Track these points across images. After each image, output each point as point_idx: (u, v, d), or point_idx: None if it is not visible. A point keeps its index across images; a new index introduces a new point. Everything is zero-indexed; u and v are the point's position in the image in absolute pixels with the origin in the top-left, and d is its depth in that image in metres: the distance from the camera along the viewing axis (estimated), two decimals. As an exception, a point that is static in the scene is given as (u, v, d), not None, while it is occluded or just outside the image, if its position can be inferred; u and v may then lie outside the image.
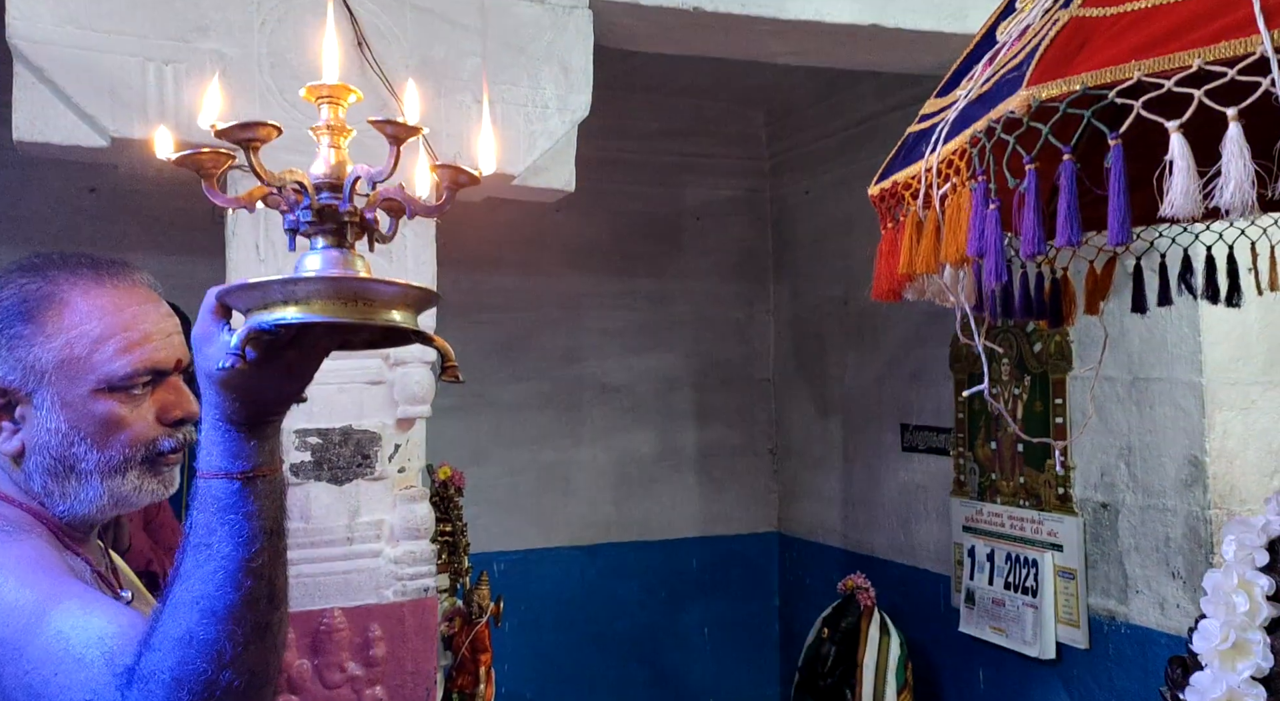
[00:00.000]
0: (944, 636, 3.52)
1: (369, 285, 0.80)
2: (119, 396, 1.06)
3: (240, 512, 0.87)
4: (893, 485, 3.92)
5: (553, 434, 4.41)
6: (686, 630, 4.52)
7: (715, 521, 4.65)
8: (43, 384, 1.04)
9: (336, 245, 0.83)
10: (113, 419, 1.05)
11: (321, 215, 0.83)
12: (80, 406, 1.05)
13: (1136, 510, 2.73)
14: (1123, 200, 0.92)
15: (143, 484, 1.08)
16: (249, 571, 0.87)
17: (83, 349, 1.05)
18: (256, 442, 0.88)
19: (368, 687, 2.05)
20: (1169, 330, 2.62)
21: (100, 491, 1.07)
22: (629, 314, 4.57)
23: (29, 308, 1.06)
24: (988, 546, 3.30)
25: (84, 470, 1.06)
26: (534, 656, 4.14)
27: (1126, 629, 2.77)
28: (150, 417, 1.08)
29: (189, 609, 0.86)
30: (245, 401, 0.86)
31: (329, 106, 0.85)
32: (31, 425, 1.05)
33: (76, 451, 1.05)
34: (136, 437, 1.07)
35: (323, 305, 0.78)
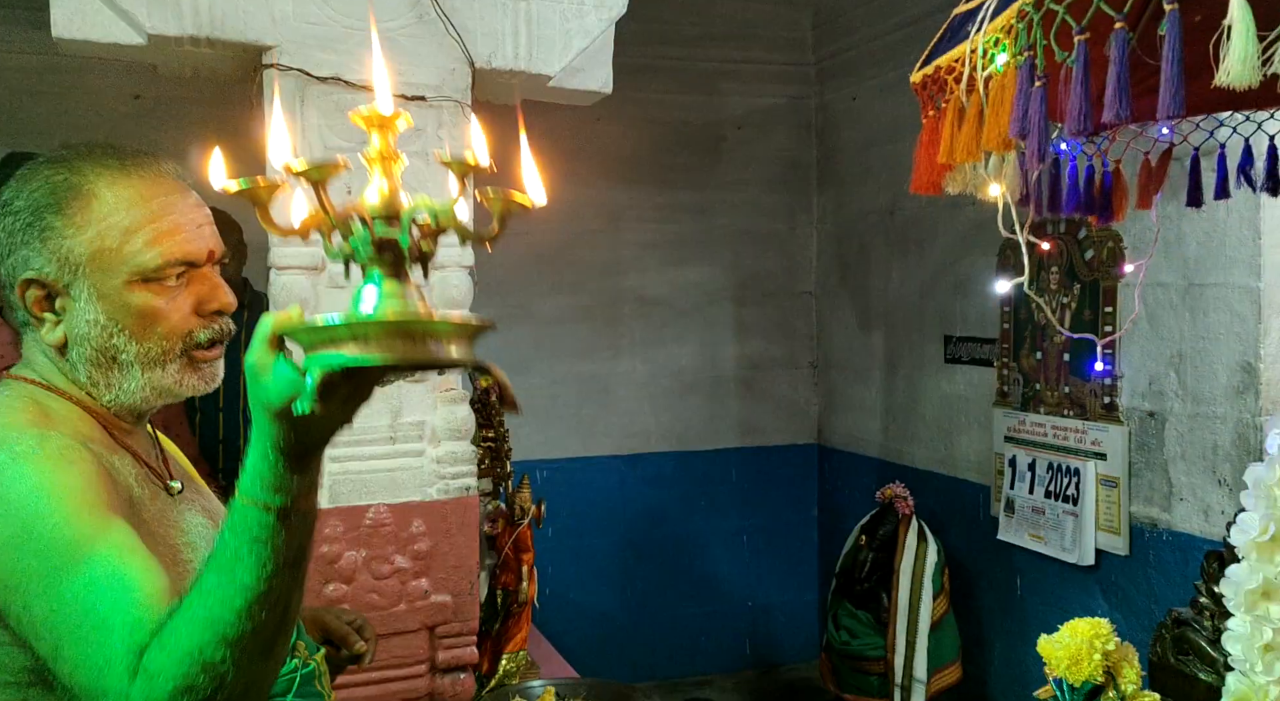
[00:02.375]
0: (981, 544, 3.54)
1: (434, 325, 0.80)
2: (153, 288, 1.06)
3: (269, 545, 0.88)
4: (934, 396, 3.89)
5: (593, 346, 4.43)
6: (725, 538, 4.59)
7: (755, 433, 4.68)
8: (78, 276, 1.05)
9: (394, 276, 0.83)
10: (149, 311, 1.06)
11: (381, 248, 0.83)
12: (116, 298, 1.06)
13: (1185, 418, 2.69)
14: (1177, 69, 0.87)
15: (183, 377, 1.10)
16: (267, 603, 0.89)
17: (113, 240, 1.05)
18: (299, 475, 0.89)
19: (413, 579, 2.12)
20: (1228, 234, 2.53)
21: (142, 382, 1.08)
22: (669, 226, 4.53)
23: (58, 200, 1.06)
24: (1029, 456, 3.28)
25: (125, 361, 1.07)
26: (575, 560, 4.24)
27: (1168, 536, 2.75)
28: (187, 310, 1.09)
29: (203, 627, 0.87)
30: (299, 432, 0.86)
31: (379, 135, 0.85)
32: (71, 317, 1.07)
33: (116, 343, 1.06)
34: (174, 330, 1.08)
35: (389, 345, 0.78)
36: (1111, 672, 1.20)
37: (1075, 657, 1.21)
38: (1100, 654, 1.20)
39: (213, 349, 1.12)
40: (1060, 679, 1.24)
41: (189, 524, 1.12)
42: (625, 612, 4.36)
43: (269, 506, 0.87)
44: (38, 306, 1.07)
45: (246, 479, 0.89)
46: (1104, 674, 1.20)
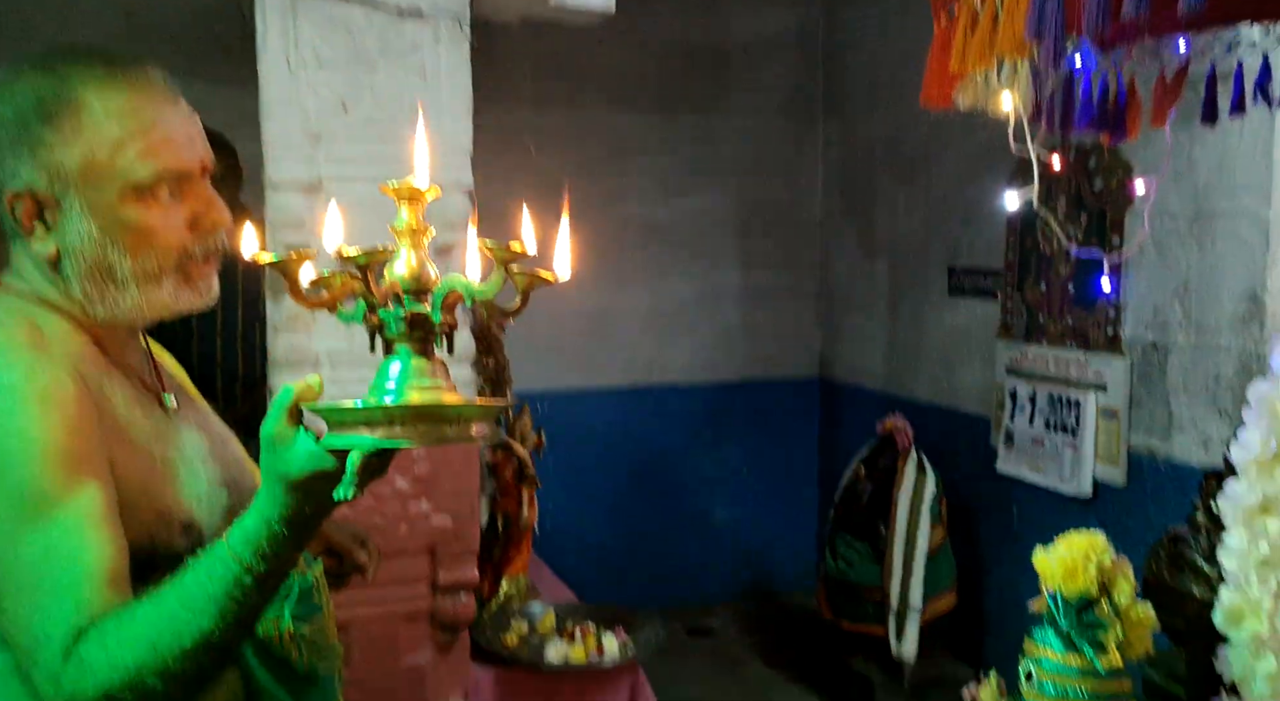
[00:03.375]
0: (980, 476, 3.56)
1: (461, 410, 0.83)
2: (146, 202, 1.04)
3: (239, 603, 0.89)
4: (937, 329, 3.88)
5: (595, 276, 4.40)
6: (726, 470, 4.63)
7: (757, 365, 4.68)
8: (69, 189, 1.03)
9: (422, 353, 0.85)
10: (142, 226, 1.04)
11: (412, 324, 0.84)
12: (108, 212, 1.03)
13: (1188, 349, 2.67)
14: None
15: (179, 293, 1.08)
16: (215, 650, 0.90)
17: (104, 153, 1.03)
18: (294, 546, 0.90)
19: (414, 501, 2.13)
20: (1239, 160, 2.49)
21: (138, 298, 1.06)
22: (673, 154, 4.46)
23: (46, 110, 1.03)
24: (1030, 388, 3.28)
25: (120, 277, 1.05)
26: (577, 491, 4.27)
27: (1167, 466, 2.76)
28: (181, 225, 1.06)
29: (147, 650, 0.88)
30: (311, 505, 0.87)
31: (409, 208, 0.85)
32: (64, 230, 1.04)
33: (111, 258, 1.04)
34: (169, 245, 1.06)
35: (419, 430, 0.80)
36: (1106, 585, 1.20)
37: (1070, 570, 1.21)
38: (1095, 567, 1.21)
39: (207, 264, 1.09)
40: (1054, 592, 1.25)
41: (184, 441, 1.10)
42: (625, 543, 4.41)
43: (253, 569, 0.89)
44: (27, 218, 1.04)
45: (239, 535, 0.90)
46: (1098, 586, 1.20)
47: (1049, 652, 1.24)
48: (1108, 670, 1.19)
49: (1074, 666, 1.21)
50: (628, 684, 2.61)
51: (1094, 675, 1.20)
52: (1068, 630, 1.22)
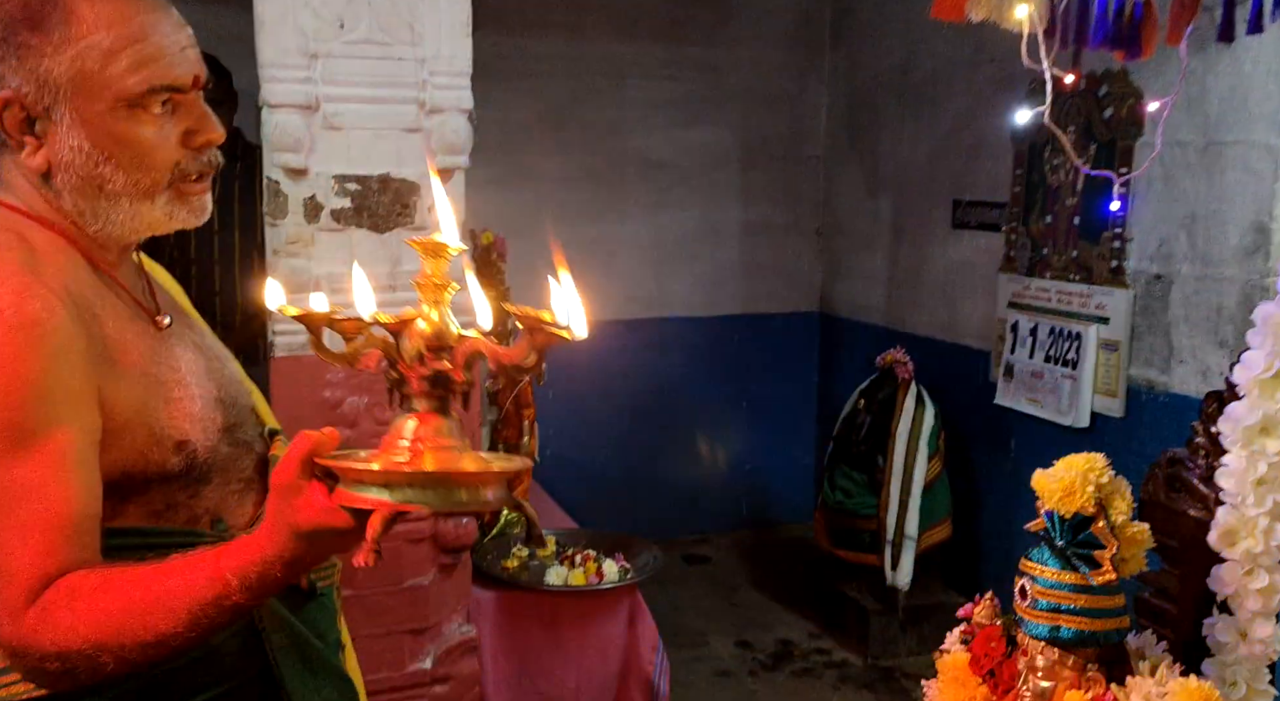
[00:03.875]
0: (979, 408, 3.58)
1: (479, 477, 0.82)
2: (138, 115, 1.01)
3: (213, 618, 0.89)
4: (939, 262, 3.86)
5: (596, 208, 4.37)
6: (725, 403, 4.65)
7: (757, 300, 4.67)
8: (58, 99, 1.00)
9: (440, 411, 0.83)
10: (135, 140, 1.01)
11: (434, 382, 0.83)
12: (100, 125, 1.00)
13: (1191, 280, 2.66)
14: None
15: (173, 209, 1.05)
16: (179, 649, 0.91)
17: (94, 63, 0.99)
18: (288, 581, 0.90)
19: (416, 425, 2.14)
20: (1252, 89, 2.45)
21: (130, 214, 1.04)
22: (675, 85, 4.39)
23: (32, 14, 0.99)
24: (1032, 321, 3.28)
25: (112, 191, 1.02)
26: (577, 423, 4.30)
27: (1165, 397, 2.77)
28: (174, 140, 1.03)
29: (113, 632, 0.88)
30: (313, 551, 0.87)
31: (432, 261, 0.84)
32: (54, 142, 1.01)
33: (102, 172, 1.01)
34: (161, 161, 1.03)
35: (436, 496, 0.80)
36: (1103, 504, 1.21)
37: (1069, 490, 1.22)
38: (1093, 486, 1.21)
39: (201, 181, 1.07)
40: (1051, 511, 1.26)
41: (179, 359, 1.09)
42: (624, 474, 4.45)
43: (238, 595, 0.89)
44: (16, 128, 1.01)
45: (234, 561, 0.89)
46: (1095, 506, 1.21)
47: (1044, 570, 1.25)
48: (1101, 586, 1.21)
49: (1068, 583, 1.22)
50: (626, 606, 2.66)
51: (1087, 591, 1.21)
52: (1063, 548, 1.23)
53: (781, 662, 3.60)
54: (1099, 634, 1.22)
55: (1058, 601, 1.22)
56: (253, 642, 1.07)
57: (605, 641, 2.64)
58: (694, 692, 3.31)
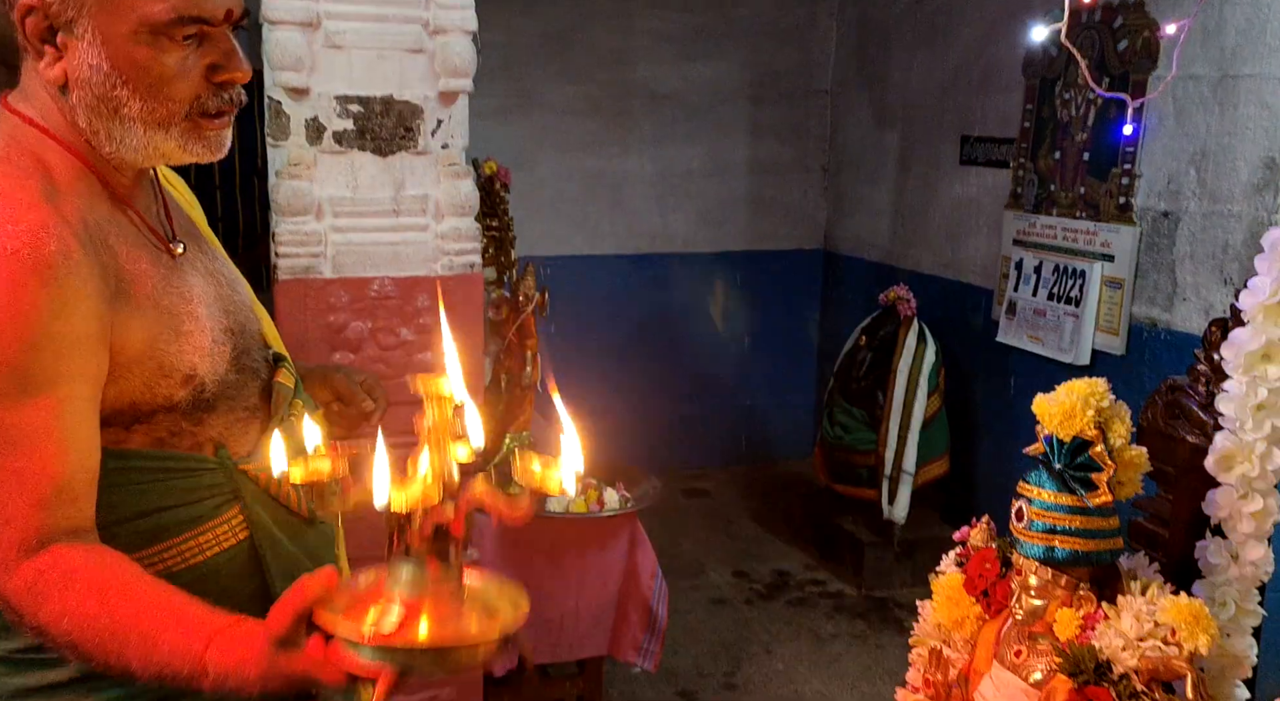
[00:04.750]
0: (980, 346, 3.59)
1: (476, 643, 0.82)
2: (162, 44, 0.97)
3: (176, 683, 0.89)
4: (946, 199, 3.83)
5: (601, 140, 4.32)
6: (727, 340, 4.66)
7: (762, 237, 4.65)
8: (83, 13, 0.96)
9: (440, 555, 0.83)
10: (155, 68, 0.98)
11: (436, 535, 0.83)
12: (121, 47, 0.97)
13: (1199, 217, 2.65)
14: None
15: (188, 143, 1.02)
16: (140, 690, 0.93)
17: None
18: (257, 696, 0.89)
19: (419, 352, 2.15)
20: (1270, 19, 2.40)
21: (144, 141, 1.01)
22: (684, 15, 4.30)
23: None
24: (1036, 258, 3.26)
25: (126, 116, 0.99)
26: (579, 356, 4.30)
27: (1167, 335, 2.78)
28: (197, 74, 1.00)
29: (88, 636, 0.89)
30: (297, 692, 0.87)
31: (436, 409, 0.84)
32: (73, 56, 0.98)
33: (118, 95, 0.98)
34: (181, 93, 0.99)
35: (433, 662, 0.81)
36: (1102, 428, 1.22)
37: (1069, 413, 1.23)
38: (1094, 410, 1.23)
39: (220, 118, 1.03)
40: (1050, 435, 1.27)
41: (191, 288, 1.07)
42: (625, 408, 4.46)
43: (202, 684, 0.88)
44: (37, 36, 0.98)
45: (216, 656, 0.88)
46: (1094, 430, 1.22)
47: (1040, 492, 1.27)
48: (1097, 507, 1.22)
49: (1064, 504, 1.24)
50: (626, 534, 2.70)
51: (1083, 512, 1.23)
52: (1061, 471, 1.25)
53: (777, 592, 3.66)
54: (1093, 554, 1.24)
55: (1053, 522, 1.24)
56: (251, 565, 1.08)
57: (605, 567, 2.69)
58: (691, 620, 3.38)
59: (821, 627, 3.42)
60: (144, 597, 0.90)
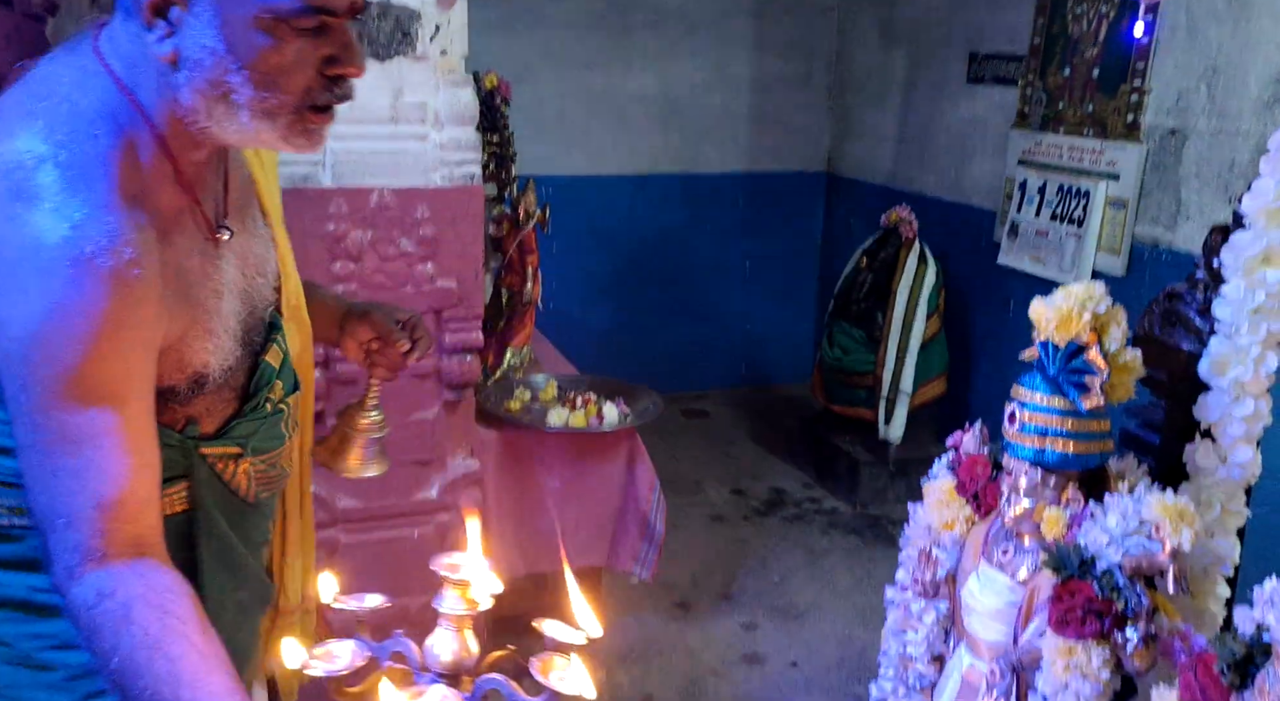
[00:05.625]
0: (981, 269, 3.58)
1: None
2: (282, 32, 0.92)
3: None
4: (952, 119, 3.78)
5: (603, 57, 4.24)
6: (728, 262, 4.64)
7: (764, 158, 4.60)
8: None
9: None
10: (273, 57, 0.93)
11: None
12: (241, 31, 0.92)
13: (1207, 135, 2.61)
14: None
15: (290, 135, 0.98)
16: None
17: None
18: None
19: (419, 263, 2.15)
20: (1291, -71, 2.33)
21: (247, 128, 0.96)
22: (687, -75, 4.19)
23: None
24: (1040, 179, 3.24)
25: (235, 103, 0.94)
26: (579, 276, 4.31)
27: (1168, 255, 2.77)
28: (313, 67, 0.95)
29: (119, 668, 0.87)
30: None
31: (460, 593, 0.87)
32: (187, 35, 0.92)
33: (231, 80, 0.93)
34: (295, 85, 0.95)
35: None
36: (1098, 332, 1.23)
37: (1065, 317, 1.24)
38: (1090, 314, 1.23)
39: (326, 112, 0.99)
40: (1047, 340, 1.28)
41: (223, 278, 1.05)
42: (626, 329, 4.49)
43: None
44: (151, 8, 0.92)
45: None
46: (1090, 333, 1.23)
47: (1033, 395, 1.29)
48: (1090, 410, 1.24)
49: (1056, 407, 1.26)
50: (625, 449, 2.73)
51: (1074, 415, 1.25)
52: (1055, 375, 1.26)
53: (773, 509, 3.73)
54: (1083, 456, 1.27)
55: (1045, 425, 1.26)
56: (182, 540, 1.07)
57: (604, 480, 2.73)
58: (688, 535, 3.45)
59: (816, 543, 3.49)
60: (192, 672, 0.88)
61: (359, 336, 1.29)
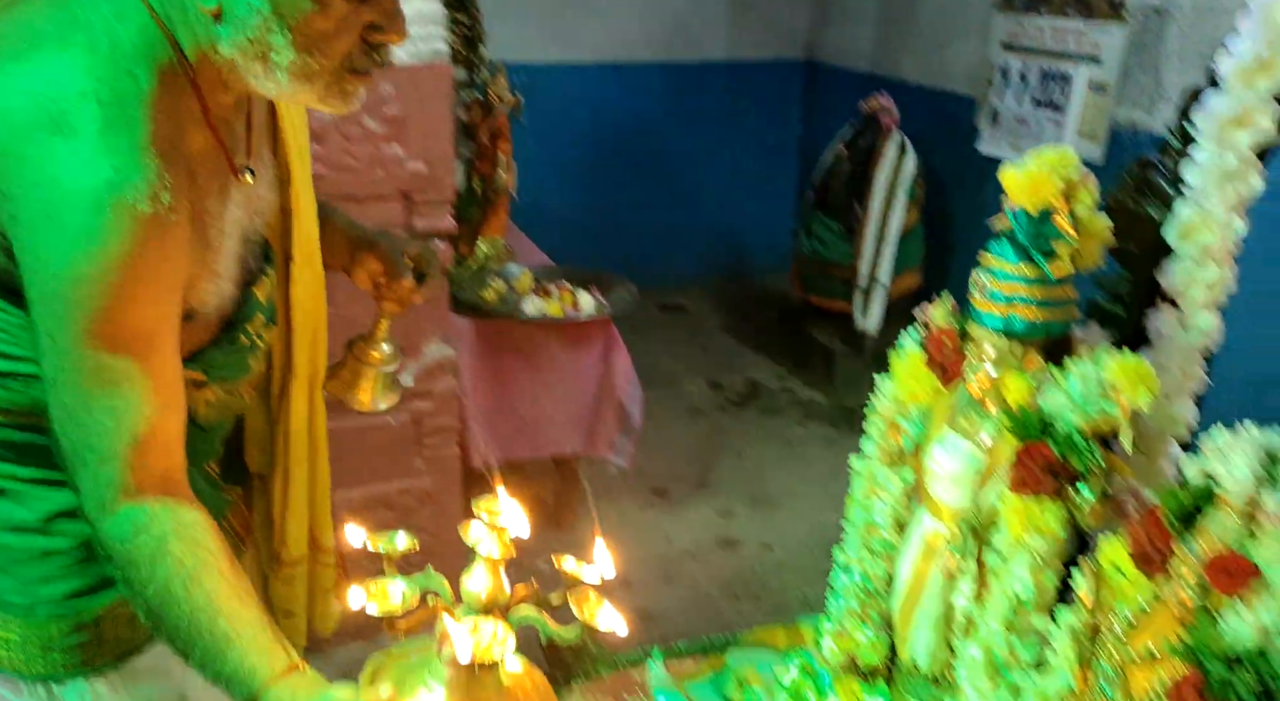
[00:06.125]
0: (961, 158, 3.55)
1: None
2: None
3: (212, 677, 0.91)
4: (934, 2, 3.68)
5: (575, -64, 4.08)
6: (706, 153, 4.57)
7: (743, 45, 4.48)
8: None
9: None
10: (317, 23, 0.90)
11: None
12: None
13: (1190, 12, 2.56)
14: None
15: (327, 96, 0.96)
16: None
17: None
18: None
19: (385, 143, 2.10)
20: None
21: (282, 85, 0.94)
22: None
23: None
24: (1022, 63, 3.18)
25: (275, 64, 0.92)
26: (554, 166, 4.23)
27: (1147, 138, 2.75)
28: (356, 32, 0.93)
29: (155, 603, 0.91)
30: None
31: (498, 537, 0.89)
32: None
33: (273, 41, 0.91)
34: (336, 50, 0.92)
35: None
36: (1069, 197, 1.22)
37: (1036, 182, 1.23)
38: (1061, 180, 1.22)
39: (366, 76, 0.97)
40: (1017, 208, 1.27)
41: (230, 218, 1.03)
42: (602, 220, 4.44)
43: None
44: None
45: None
46: (1061, 198, 1.22)
47: (1002, 263, 1.28)
48: (1057, 278, 1.24)
49: (1024, 275, 1.25)
50: (601, 338, 2.74)
51: (1043, 282, 1.25)
52: (1025, 242, 1.26)
53: (750, 401, 3.77)
54: (1050, 324, 1.27)
55: (1012, 292, 1.26)
56: None
57: (581, 370, 2.74)
58: (666, 427, 3.49)
59: (792, 433, 3.55)
60: (225, 601, 0.92)
61: (368, 267, 1.28)
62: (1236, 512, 0.93)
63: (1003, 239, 1.29)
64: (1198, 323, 1.25)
